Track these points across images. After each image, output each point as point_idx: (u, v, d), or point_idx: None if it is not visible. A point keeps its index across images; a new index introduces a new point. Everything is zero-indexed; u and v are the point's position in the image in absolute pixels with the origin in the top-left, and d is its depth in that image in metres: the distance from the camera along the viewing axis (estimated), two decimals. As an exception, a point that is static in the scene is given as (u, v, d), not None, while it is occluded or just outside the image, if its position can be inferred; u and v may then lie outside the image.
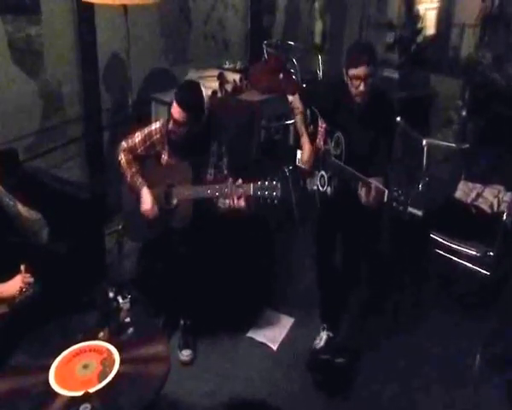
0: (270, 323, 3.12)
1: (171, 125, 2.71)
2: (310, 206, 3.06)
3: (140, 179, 2.84)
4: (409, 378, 2.76)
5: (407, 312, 3.20)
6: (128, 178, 2.86)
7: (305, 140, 2.98)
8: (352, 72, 2.59)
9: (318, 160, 2.94)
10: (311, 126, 3.07)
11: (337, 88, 2.80)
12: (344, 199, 2.73)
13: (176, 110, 2.63)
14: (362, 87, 2.59)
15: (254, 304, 3.20)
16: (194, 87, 2.74)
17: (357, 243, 2.80)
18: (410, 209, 2.38)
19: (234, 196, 2.58)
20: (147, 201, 2.79)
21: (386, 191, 2.43)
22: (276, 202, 2.51)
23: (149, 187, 2.82)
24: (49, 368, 1.93)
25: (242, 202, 2.59)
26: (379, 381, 2.74)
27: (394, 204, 2.41)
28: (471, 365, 2.81)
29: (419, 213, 2.40)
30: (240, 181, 2.58)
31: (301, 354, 2.84)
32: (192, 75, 4.25)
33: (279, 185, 2.50)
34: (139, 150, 2.88)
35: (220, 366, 2.80)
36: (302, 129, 3.02)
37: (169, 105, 2.82)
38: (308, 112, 3.08)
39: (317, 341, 2.81)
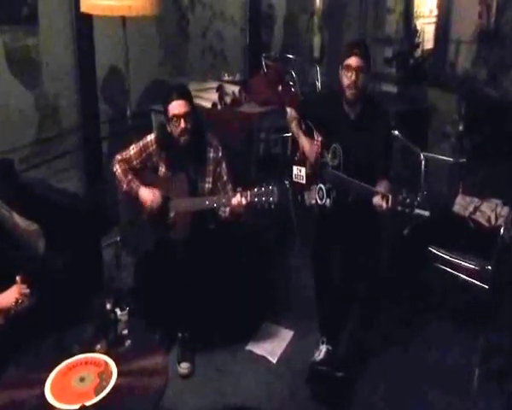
0: (270, 336, 3.09)
1: (175, 129, 2.71)
2: (309, 219, 3.05)
3: (137, 183, 2.81)
4: (408, 392, 2.74)
5: (406, 325, 3.19)
6: (125, 186, 2.83)
7: (302, 137, 2.99)
8: (345, 63, 2.72)
9: (316, 173, 2.94)
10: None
11: (332, 99, 2.85)
12: (343, 211, 2.73)
13: (175, 106, 2.68)
14: (353, 77, 2.70)
15: (254, 317, 3.18)
16: (178, 84, 2.88)
17: (356, 256, 2.79)
18: (417, 211, 2.38)
19: (232, 204, 2.59)
20: (148, 196, 2.76)
21: (390, 196, 2.43)
22: (273, 206, 2.54)
23: None
24: (45, 381, 1.89)
25: (241, 210, 2.60)
26: (378, 394, 2.72)
27: (400, 208, 2.40)
28: (470, 378, 2.79)
29: (426, 213, 2.38)
30: (239, 189, 2.60)
31: (301, 368, 2.81)
32: (191, 87, 4.24)
33: (275, 190, 2.53)
34: (135, 162, 2.87)
35: (219, 379, 2.78)
36: (298, 132, 3.03)
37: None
38: (303, 126, 3.10)
39: (317, 354, 2.79)
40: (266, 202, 2.54)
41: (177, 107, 2.68)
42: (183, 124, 2.69)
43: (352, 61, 2.69)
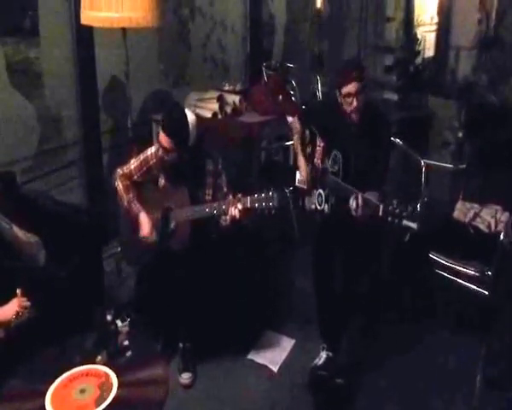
0: (271, 344, 3.09)
1: (161, 152, 2.73)
2: (310, 226, 3.06)
3: (137, 205, 2.83)
4: (409, 398, 2.73)
5: (407, 331, 3.18)
6: (125, 204, 2.85)
7: (300, 159, 3.04)
8: (344, 89, 2.71)
9: (316, 178, 2.96)
10: (310, 146, 3.10)
11: (333, 107, 2.86)
12: (341, 217, 2.74)
13: (163, 138, 2.67)
14: (355, 103, 2.70)
15: (255, 326, 3.18)
16: (179, 114, 2.70)
17: (356, 262, 2.79)
18: (405, 222, 2.39)
19: (232, 210, 2.59)
20: (145, 226, 2.78)
21: (381, 206, 2.44)
22: (273, 212, 2.55)
23: (147, 211, 2.81)
24: (45, 393, 1.89)
25: (241, 216, 2.60)
26: (379, 401, 2.71)
27: (389, 218, 2.41)
28: (471, 385, 2.78)
29: (414, 226, 2.39)
30: (239, 196, 2.61)
31: (302, 376, 2.81)
32: (192, 97, 4.27)
33: (275, 195, 2.54)
34: (135, 177, 2.89)
35: (221, 389, 2.78)
36: (298, 149, 3.09)
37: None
38: (307, 132, 3.12)
39: (317, 359, 2.80)
40: (266, 207, 2.55)
41: (164, 141, 2.67)
42: (166, 157, 2.71)
43: (352, 87, 2.67)
